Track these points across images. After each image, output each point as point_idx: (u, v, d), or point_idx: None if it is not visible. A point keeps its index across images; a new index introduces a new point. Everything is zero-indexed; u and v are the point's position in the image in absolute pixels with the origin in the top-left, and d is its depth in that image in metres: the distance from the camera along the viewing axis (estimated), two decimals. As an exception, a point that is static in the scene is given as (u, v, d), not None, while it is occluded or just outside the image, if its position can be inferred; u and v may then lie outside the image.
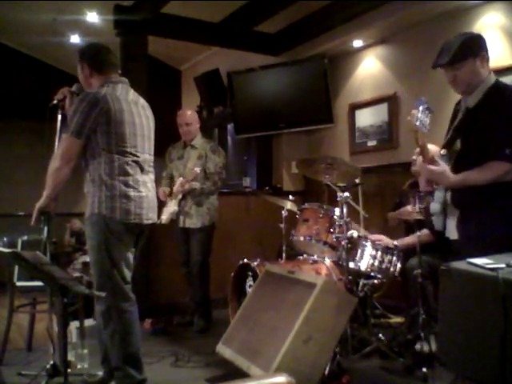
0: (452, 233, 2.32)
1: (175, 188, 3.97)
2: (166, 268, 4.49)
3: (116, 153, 2.50)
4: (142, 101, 2.71)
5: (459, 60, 2.21)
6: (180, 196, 3.96)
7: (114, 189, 2.49)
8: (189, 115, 4.15)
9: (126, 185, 2.51)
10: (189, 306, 4.17)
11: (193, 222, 3.99)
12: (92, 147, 2.51)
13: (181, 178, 3.94)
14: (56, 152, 2.56)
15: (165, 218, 3.94)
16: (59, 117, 2.69)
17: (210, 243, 4.07)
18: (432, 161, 2.23)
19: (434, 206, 2.39)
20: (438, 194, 2.35)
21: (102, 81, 2.59)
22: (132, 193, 2.52)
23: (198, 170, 3.87)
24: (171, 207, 3.95)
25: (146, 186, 2.61)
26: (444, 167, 2.22)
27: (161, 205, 3.82)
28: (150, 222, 2.64)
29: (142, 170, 2.60)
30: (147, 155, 2.66)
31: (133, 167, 2.55)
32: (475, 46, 2.25)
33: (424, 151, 2.21)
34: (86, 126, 2.46)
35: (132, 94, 2.65)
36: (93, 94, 2.49)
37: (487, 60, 2.28)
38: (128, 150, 2.53)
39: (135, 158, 2.56)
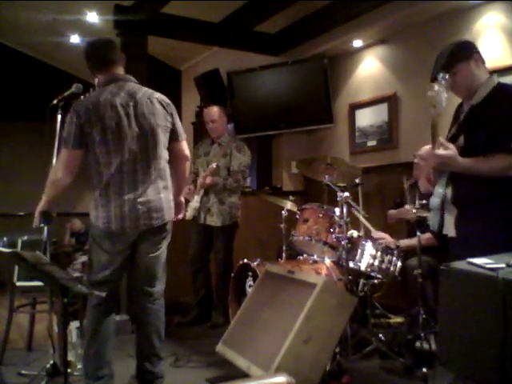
0: (450, 230, 2.31)
1: (198, 183, 4.00)
2: (168, 268, 4.48)
3: (97, 163, 2.50)
4: (140, 97, 2.55)
5: (453, 64, 2.25)
6: (202, 192, 3.98)
7: (96, 199, 2.52)
8: (214, 112, 4.15)
9: (107, 197, 2.49)
10: (192, 305, 4.18)
11: (213, 219, 4.01)
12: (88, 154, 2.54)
13: (203, 173, 3.99)
14: (56, 162, 2.55)
15: (188, 213, 3.97)
16: (59, 117, 2.69)
17: (231, 242, 4.10)
18: (441, 145, 2.21)
19: (433, 201, 2.39)
20: (438, 190, 2.35)
21: (103, 79, 2.58)
22: (113, 203, 2.48)
23: (214, 165, 3.89)
24: (194, 203, 3.99)
25: (134, 192, 2.50)
26: (453, 150, 2.19)
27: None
28: (143, 228, 2.54)
29: (133, 174, 2.51)
30: (141, 158, 2.52)
31: (113, 176, 2.48)
32: (465, 50, 2.31)
33: (435, 131, 2.19)
34: (71, 134, 2.47)
35: (125, 93, 2.53)
36: (75, 103, 2.51)
37: (482, 61, 2.31)
38: (109, 158, 2.48)
39: (119, 166, 2.48)
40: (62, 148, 2.50)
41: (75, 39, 5.86)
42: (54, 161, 2.64)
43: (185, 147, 2.75)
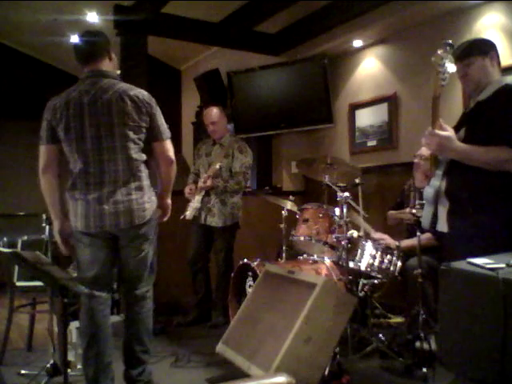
0: (442, 225, 2.31)
1: (199, 184, 3.99)
2: (166, 268, 4.48)
3: (67, 161, 2.52)
4: (110, 95, 2.44)
5: (468, 55, 2.29)
6: (203, 192, 3.98)
7: (67, 197, 2.54)
8: (214, 114, 4.12)
9: (74, 196, 2.50)
10: (191, 305, 4.18)
11: (214, 220, 4.01)
12: None
13: (205, 175, 3.97)
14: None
15: (188, 213, 3.98)
16: None
17: (232, 242, 4.11)
18: (440, 127, 2.22)
19: (427, 192, 2.38)
20: (434, 182, 2.35)
21: (84, 74, 2.57)
22: (79, 202, 2.48)
23: (218, 166, 3.88)
24: (195, 203, 3.98)
25: (100, 192, 2.45)
26: (452, 132, 2.22)
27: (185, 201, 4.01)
28: (109, 229, 2.47)
29: (100, 175, 2.45)
30: (107, 158, 2.45)
31: (79, 177, 2.48)
32: (484, 46, 2.35)
33: (436, 104, 2.19)
34: (44, 130, 2.51)
35: (96, 90, 2.45)
36: (49, 101, 2.53)
37: (498, 63, 2.36)
38: (74, 158, 2.48)
39: (83, 167, 2.46)
40: (39, 146, 2.54)
41: (75, 39, 5.85)
42: None
43: (165, 148, 2.57)
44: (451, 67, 2.11)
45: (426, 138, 2.23)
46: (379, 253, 3.24)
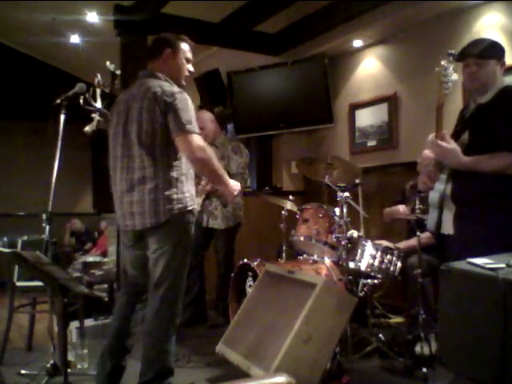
0: (447, 227, 2.32)
1: (200, 187, 3.98)
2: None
3: None
4: (137, 93, 2.46)
5: (487, 56, 2.29)
6: (203, 196, 3.98)
7: None
8: (200, 119, 4.08)
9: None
10: (188, 306, 4.17)
11: (217, 222, 4.01)
12: None
13: (205, 179, 3.96)
14: None
15: None
16: (62, 117, 2.68)
17: (233, 242, 4.12)
18: (443, 137, 2.23)
19: (432, 196, 2.39)
20: (439, 186, 2.35)
21: None
22: (114, 201, 2.55)
23: None
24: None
25: (121, 190, 2.48)
26: (455, 145, 2.24)
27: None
28: (129, 228, 2.48)
29: (122, 172, 2.47)
30: (128, 155, 2.45)
31: (112, 173, 2.55)
32: (500, 51, 2.37)
33: (440, 112, 2.21)
34: None
35: (133, 89, 2.53)
36: None
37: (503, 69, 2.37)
38: (111, 154, 2.55)
39: (116, 164, 2.52)
40: None
41: (75, 39, 5.86)
42: (57, 161, 2.65)
43: (184, 143, 2.38)
44: (454, 76, 2.14)
45: (429, 145, 2.26)
46: (379, 253, 3.23)
